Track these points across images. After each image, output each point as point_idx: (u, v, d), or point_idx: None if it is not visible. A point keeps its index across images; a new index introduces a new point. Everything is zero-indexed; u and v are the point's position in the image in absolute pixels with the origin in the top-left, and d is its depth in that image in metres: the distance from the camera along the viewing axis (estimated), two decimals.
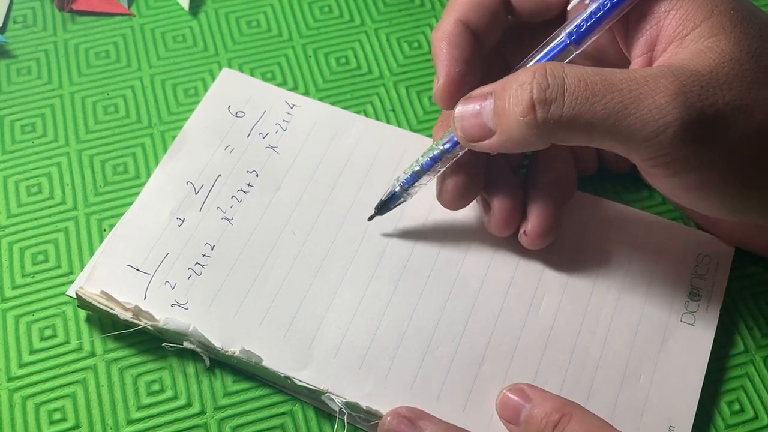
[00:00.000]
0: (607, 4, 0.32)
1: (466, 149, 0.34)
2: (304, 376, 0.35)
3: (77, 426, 0.34)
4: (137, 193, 0.39)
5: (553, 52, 0.33)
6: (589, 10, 0.32)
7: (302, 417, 0.35)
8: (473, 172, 0.36)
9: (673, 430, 0.34)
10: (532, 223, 0.36)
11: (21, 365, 0.36)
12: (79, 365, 0.36)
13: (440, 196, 0.36)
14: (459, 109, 0.33)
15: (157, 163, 0.41)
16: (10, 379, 0.35)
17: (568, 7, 0.34)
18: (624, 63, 0.34)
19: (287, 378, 0.35)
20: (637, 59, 0.32)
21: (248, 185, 0.40)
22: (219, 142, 0.41)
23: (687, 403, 0.35)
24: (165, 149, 0.41)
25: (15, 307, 0.37)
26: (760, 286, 0.39)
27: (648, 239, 0.39)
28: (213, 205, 0.39)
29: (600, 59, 0.36)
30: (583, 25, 0.32)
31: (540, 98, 0.30)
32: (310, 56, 0.45)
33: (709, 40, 0.30)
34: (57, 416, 0.35)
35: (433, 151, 0.35)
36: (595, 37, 0.32)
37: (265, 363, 0.35)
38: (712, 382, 0.36)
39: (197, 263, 0.37)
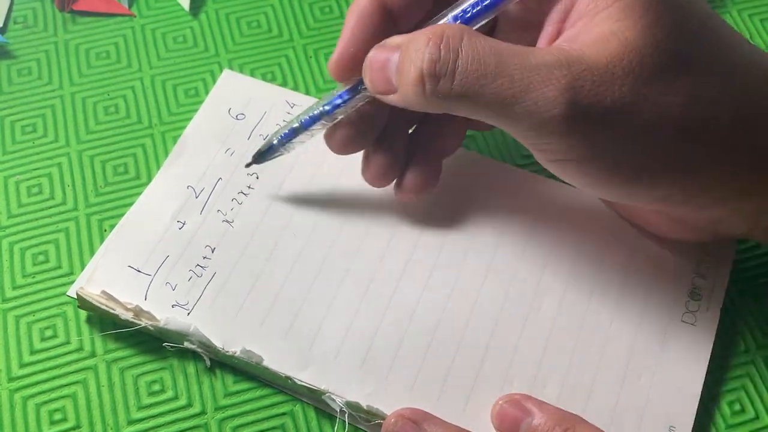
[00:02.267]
0: None
1: (346, 112, 0.34)
2: (305, 377, 0.35)
3: (78, 426, 0.34)
4: (138, 194, 0.39)
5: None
6: None
7: (303, 417, 0.35)
8: (363, 126, 0.36)
9: (673, 431, 0.34)
10: (405, 180, 0.37)
11: (21, 365, 0.36)
12: (79, 365, 0.36)
13: (327, 141, 0.36)
14: (369, 56, 0.32)
15: (157, 163, 0.41)
16: (10, 380, 0.35)
17: None
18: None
19: (288, 378, 0.35)
20: (548, 28, 0.32)
21: (249, 188, 0.40)
22: (220, 145, 0.41)
23: (687, 403, 0.35)
24: (165, 150, 0.41)
25: (16, 307, 0.37)
26: (762, 287, 0.39)
27: (649, 238, 0.39)
28: (213, 207, 0.39)
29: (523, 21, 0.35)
30: (469, 11, 0.31)
31: (429, 71, 0.30)
32: (310, 57, 0.45)
33: (616, 24, 0.29)
34: (57, 416, 0.35)
35: (313, 111, 0.35)
36: (481, 23, 0.32)
37: (265, 363, 0.35)
38: (713, 382, 0.36)
39: (198, 265, 0.37)
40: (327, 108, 0.34)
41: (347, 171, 0.40)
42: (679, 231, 0.37)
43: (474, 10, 0.31)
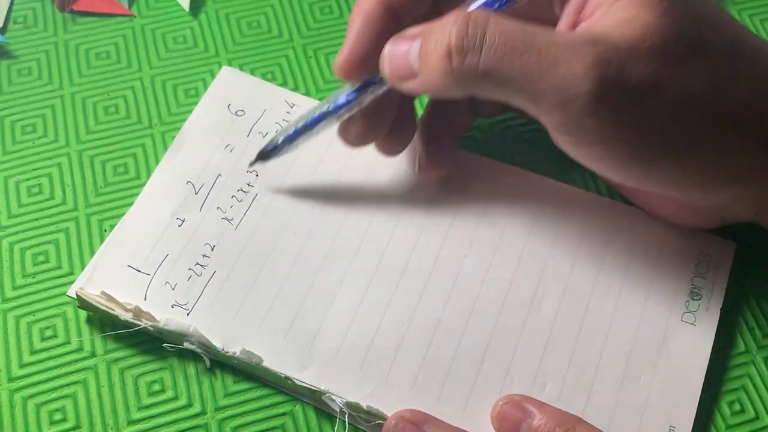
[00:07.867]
0: None
1: (350, 111, 0.35)
2: (305, 377, 0.35)
3: (78, 426, 0.34)
4: (137, 194, 0.39)
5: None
6: None
7: (303, 417, 0.35)
8: (376, 120, 0.36)
9: (673, 430, 0.34)
10: (423, 162, 0.38)
11: (21, 365, 0.36)
12: (79, 365, 0.36)
13: (341, 136, 0.37)
14: (388, 48, 0.32)
15: (157, 163, 0.41)
16: (10, 380, 0.35)
17: None
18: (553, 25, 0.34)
19: (288, 378, 0.35)
20: (564, 19, 0.33)
21: (248, 185, 0.40)
22: (219, 141, 0.41)
23: (687, 403, 0.35)
24: (165, 150, 0.41)
25: (16, 307, 0.37)
26: (761, 286, 0.39)
27: (649, 238, 0.39)
28: (213, 205, 0.39)
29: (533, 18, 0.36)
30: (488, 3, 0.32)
31: (457, 46, 0.30)
32: (310, 57, 0.45)
33: (636, 9, 0.30)
34: (57, 416, 0.35)
35: (318, 110, 0.36)
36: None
37: (265, 363, 0.35)
38: (713, 382, 0.36)
39: (197, 264, 0.37)
40: (331, 108, 0.35)
41: (347, 170, 0.40)
42: (687, 217, 0.38)
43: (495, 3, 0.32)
